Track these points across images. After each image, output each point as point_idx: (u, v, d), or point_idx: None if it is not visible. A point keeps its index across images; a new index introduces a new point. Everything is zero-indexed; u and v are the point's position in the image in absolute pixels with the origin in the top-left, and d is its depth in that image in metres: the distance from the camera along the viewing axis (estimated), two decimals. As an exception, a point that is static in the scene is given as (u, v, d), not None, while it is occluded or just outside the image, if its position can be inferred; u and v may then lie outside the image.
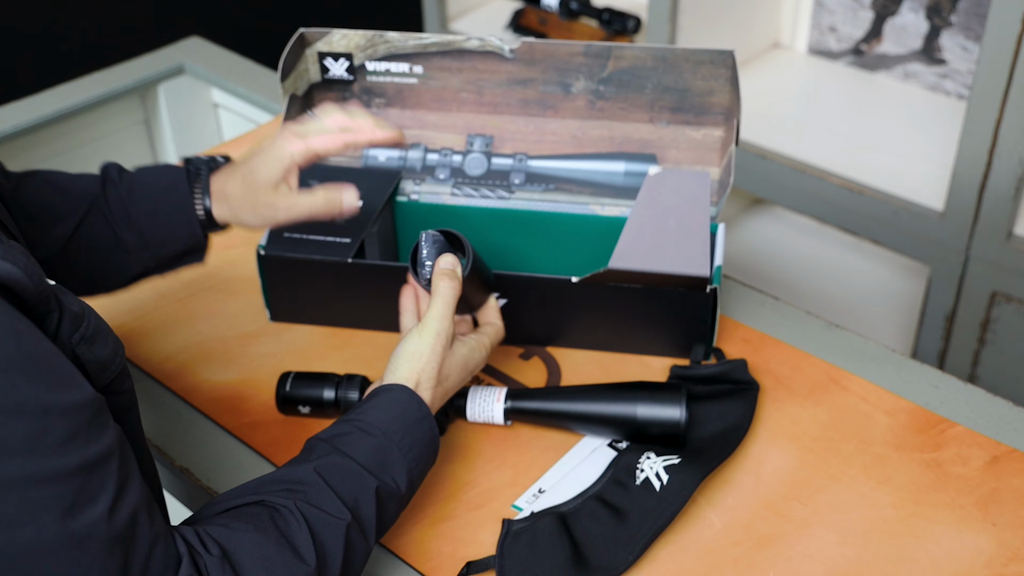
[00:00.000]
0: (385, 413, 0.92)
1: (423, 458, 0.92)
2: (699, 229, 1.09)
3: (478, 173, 1.26)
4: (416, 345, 0.97)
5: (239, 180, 1.06)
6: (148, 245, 1.08)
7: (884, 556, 0.95)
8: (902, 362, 1.16)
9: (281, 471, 0.87)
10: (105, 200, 1.08)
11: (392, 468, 0.89)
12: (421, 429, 0.93)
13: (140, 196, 1.08)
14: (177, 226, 1.07)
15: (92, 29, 2.40)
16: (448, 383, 0.99)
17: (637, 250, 1.08)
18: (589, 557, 0.94)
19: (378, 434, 0.90)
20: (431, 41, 1.23)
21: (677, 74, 1.21)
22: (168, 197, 1.07)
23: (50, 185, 1.09)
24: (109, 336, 0.78)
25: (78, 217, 1.07)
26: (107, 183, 1.09)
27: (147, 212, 1.07)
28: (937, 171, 1.79)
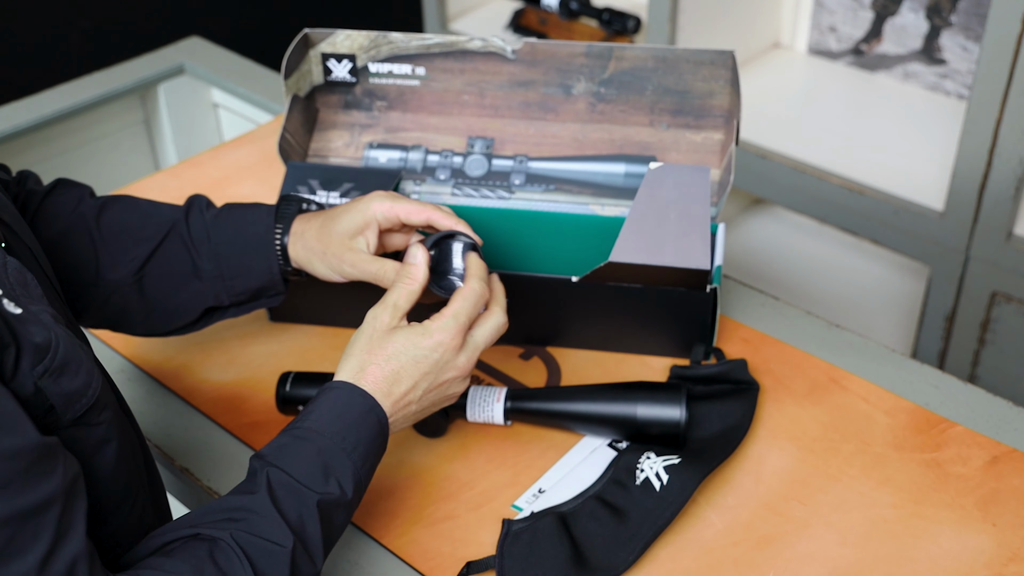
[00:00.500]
0: (326, 414, 0.87)
1: (371, 454, 0.88)
2: (699, 224, 1.09)
3: (479, 174, 1.27)
4: (356, 331, 0.93)
5: (318, 223, 1.03)
6: (224, 276, 1.05)
7: (884, 556, 0.95)
8: (902, 362, 1.16)
9: (222, 499, 0.83)
10: (187, 225, 1.05)
11: (335, 472, 0.85)
12: (367, 423, 0.88)
13: (224, 225, 1.05)
14: (255, 259, 1.04)
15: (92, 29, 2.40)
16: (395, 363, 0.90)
17: (637, 245, 1.08)
18: (589, 557, 0.94)
19: (316, 438, 0.85)
20: (434, 42, 1.23)
21: (677, 75, 1.21)
22: (251, 228, 1.04)
23: (133, 207, 1.07)
24: (83, 367, 0.75)
25: (158, 240, 1.05)
26: (191, 210, 1.07)
27: (228, 240, 1.04)
28: (937, 171, 1.79)
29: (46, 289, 0.83)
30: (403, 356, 0.91)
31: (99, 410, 0.77)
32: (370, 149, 1.29)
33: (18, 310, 0.72)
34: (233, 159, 1.56)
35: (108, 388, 0.81)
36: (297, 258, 1.04)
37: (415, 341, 0.91)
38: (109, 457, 0.80)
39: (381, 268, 0.99)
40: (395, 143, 1.29)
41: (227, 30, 2.55)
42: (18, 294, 0.74)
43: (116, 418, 0.81)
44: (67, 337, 0.74)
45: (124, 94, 1.83)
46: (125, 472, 0.82)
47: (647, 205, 1.10)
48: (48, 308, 0.75)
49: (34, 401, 0.71)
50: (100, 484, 0.79)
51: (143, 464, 0.89)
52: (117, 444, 0.80)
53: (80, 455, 0.75)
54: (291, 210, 1.05)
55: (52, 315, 0.75)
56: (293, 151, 1.26)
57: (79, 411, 0.75)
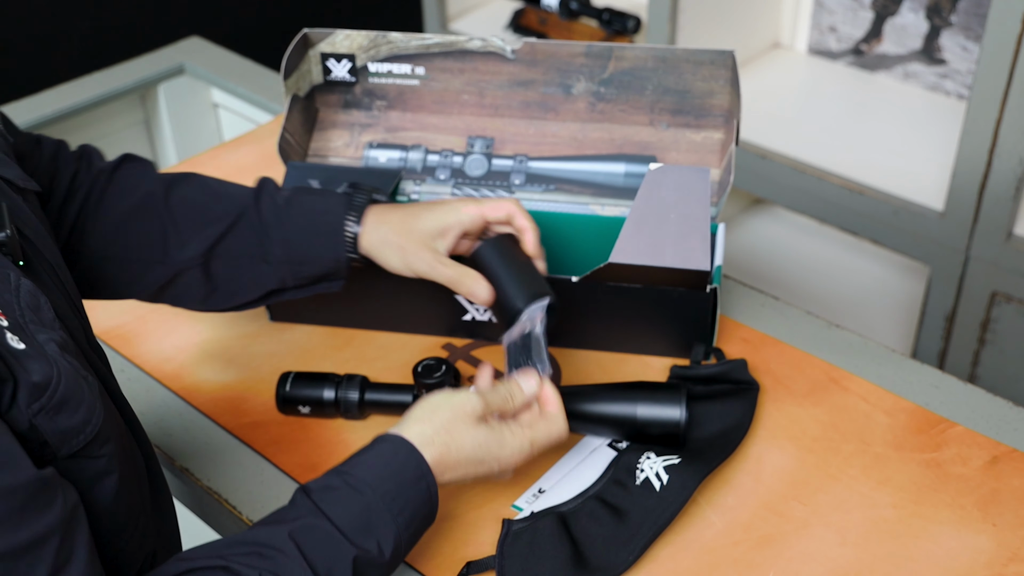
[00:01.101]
0: (379, 470, 0.85)
1: (415, 521, 0.86)
2: (699, 224, 1.09)
3: (478, 174, 1.27)
4: (440, 399, 0.91)
5: (400, 216, 1.04)
6: (292, 260, 1.05)
7: (884, 556, 0.95)
8: (902, 362, 1.16)
9: (255, 530, 0.82)
10: (257, 209, 1.05)
11: (377, 532, 0.83)
12: (417, 489, 0.86)
13: (295, 212, 1.05)
14: (325, 247, 1.04)
15: (92, 29, 2.40)
16: (459, 454, 0.89)
17: (637, 245, 1.08)
18: (589, 557, 0.94)
19: (367, 492, 0.84)
20: (434, 42, 1.23)
21: (677, 75, 1.21)
22: (323, 217, 1.05)
23: (203, 187, 1.07)
24: (83, 404, 0.74)
25: (228, 222, 1.05)
26: (262, 194, 1.07)
27: (299, 228, 1.05)
28: (937, 171, 1.79)
29: (62, 307, 0.83)
30: (469, 450, 0.90)
31: (100, 444, 0.76)
32: (370, 149, 1.29)
33: (21, 345, 0.71)
34: (233, 159, 1.56)
35: (112, 420, 0.79)
36: (369, 248, 1.05)
37: (489, 447, 0.91)
38: (108, 489, 0.78)
39: (457, 274, 1.02)
40: (395, 143, 1.29)
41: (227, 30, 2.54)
42: (27, 321, 0.73)
43: (120, 449, 0.79)
44: (70, 372, 0.73)
45: (124, 94, 1.83)
46: (125, 503, 0.81)
47: (647, 206, 1.10)
48: (57, 334, 0.75)
49: (28, 436, 0.71)
50: (97, 516, 0.78)
51: (148, 488, 0.88)
52: (118, 476, 0.79)
53: (78, 486, 0.74)
54: (362, 200, 1.06)
55: (60, 342, 0.74)
56: (293, 151, 1.26)
57: (75, 447, 0.74)
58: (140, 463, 0.87)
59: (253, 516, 1.02)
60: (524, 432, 0.93)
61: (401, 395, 1.08)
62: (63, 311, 0.82)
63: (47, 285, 0.83)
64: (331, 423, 1.11)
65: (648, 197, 1.11)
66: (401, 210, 1.06)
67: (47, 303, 0.76)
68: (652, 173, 1.12)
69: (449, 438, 0.89)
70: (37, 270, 0.82)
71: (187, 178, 1.08)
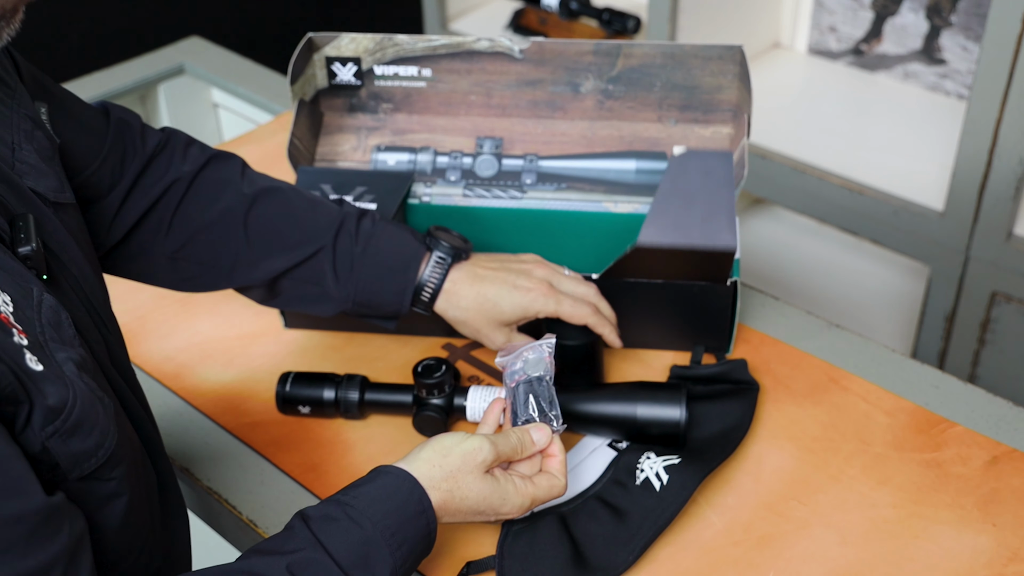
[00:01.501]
0: (381, 503, 0.84)
1: (413, 555, 0.85)
2: (725, 206, 1.08)
3: (489, 174, 1.26)
4: (452, 442, 0.89)
5: (479, 298, 1.06)
6: (354, 302, 1.06)
7: (884, 556, 0.95)
8: (902, 362, 1.16)
9: (251, 560, 0.80)
10: (334, 251, 1.05)
11: (374, 566, 0.82)
12: (417, 526, 0.85)
13: (372, 260, 1.05)
14: (391, 301, 1.06)
15: (92, 29, 2.40)
16: (462, 503, 0.88)
17: (664, 228, 1.07)
18: (589, 557, 0.94)
19: (367, 527, 0.82)
20: (440, 43, 1.23)
21: (686, 71, 1.21)
22: (397, 276, 1.05)
23: (288, 208, 1.07)
24: (96, 427, 0.73)
25: (302, 256, 1.05)
26: (341, 232, 1.06)
27: (370, 278, 1.05)
28: (937, 171, 1.79)
29: (85, 323, 0.82)
30: (472, 502, 0.89)
31: (111, 467, 0.76)
32: (378, 152, 1.29)
33: (39, 367, 0.70)
34: (233, 159, 1.56)
35: (125, 442, 0.78)
36: (444, 311, 1.07)
37: (491, 501, 0.89)
38: (118, 511, 0.78)
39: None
40: (403, 145, 1.29)
41: (227, 30, 2.55)
42: (47, 338, 0.72)
43: (131, 472, 0.79)
44: (86, 393, 0.72)
45: (124, 94, 1.83)
46: (133, 525, 0.80)
47: (672, 191, 1.10)
48: (76, 352, 0.74)
49: (40, 458, 0.70)
50: (107, 537, 0.77)
51: (158, 508, 0.87)
52: (128, 498, 0.78)
53: (86, 509, 0.74)
54: (447, 260, 1.06)
55: (78, 361, 0.73)
56: (301, 156, 1.26)
57: (86, 471, 0.73)
58: (152, 481, 0.86)
59: (253, 516, 1.02)
60: (527, 490, 0.91)
61: (401, 395, 1.08)
62: (85, 327, 0.81)
63: (70, 300, 0.82)
64: (331, 423, 1.11)
65: (673, 183, 1.10)
66: (480, 285, 1.06)
67: (68, 319, 0.76)
68: (675, 160, 1.11)
69: (455, 485, 0.87)
70: (61, 284, 0.82)
71: (272, 193, 1.07)
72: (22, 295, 0.73)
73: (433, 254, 1.06)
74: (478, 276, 1.06)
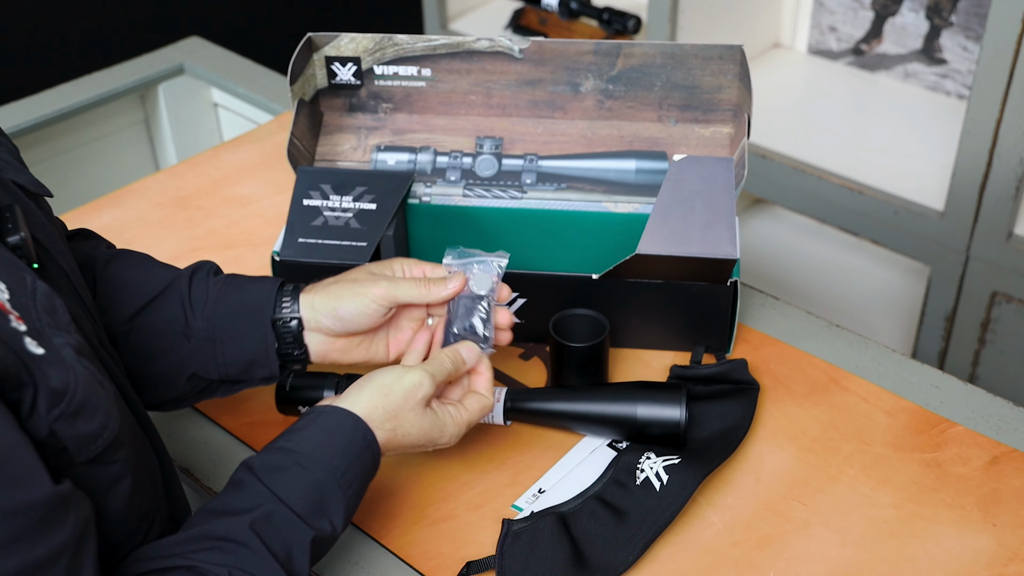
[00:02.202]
0: (327, 444, 0.85)
1: (363, 490, 0.87)
2: (725, 212, 1.08)
3: (489, 174, 1.26)
4: (391, 379, 0.91)
5: (338, 276, 1.01)
6: (215, 339, 0.98)
7: (884, 556, 0.95)
8: (902, 362, 1.16)
9: (210, 523, 0.80)
10: (188, 284, 1.00)
11: (330, 509, 0.84)
12: (363, 460, 0.86)
13: (226, 286, 1.00)
14: (250, 322, 0.98)
15: (92, 29, 2.40)
16: (404, 439, 0.90)
17: (664, 236, 1.08)
18: (589, 557, 0.94)
19: (317, 471, 0.83)
20: (440, 43, 1.23)
21: (686, 70, 1.21)
22: (252, 292, 1.00)
23: (141, 264, 1.04)
24: (99, 409, 0.73)
25: (155, 293, 1.00)
26: (197, 272, 1.02)
27: (225, 301, 0.99)
28: (937, 171, 1.79)
29: (76, 310, 0.82)
30: (414, 437, 0.91)
31: (115, 449, 0.76)
32: (378, 152, 1.29)
33: (40, 350, 0.70)
34: (233, 159, 1.56)
35: (126, 423, 0.79)
36: (317, 301, 0.98)
37: (431, 434, 0.92)
38: (123, 493, 0.78)
39: (422, 285, 0.98)
40: (403, 145, 1.29)
41: (227, 30, 2.55)
42: (44, 324, 0.73)
43: (133, 453, 0.79)
44: (86, 376, 0.72)
45: (124, 94, 1.83)
46: (138, 508, 0.81)
47: (671, 197, 1.10)
48: (73, 338, 0.74)
49: (47, 443, 0.70)
50: (111, 521, 0.78)
51: (163, 491, 0.87)
52: (131, 480, 0.79)
53: (92, 493, 0.74)
54: (297, 286, 1.01)
55: (76, 346, 0.74)
56: (301, 156, 1.26)
57: (93, 453, 0.74)
58: (155, 465, 0.86)
59: (253, 516, 1.02)
60: (462, 417, 0.94)
61: (401, 395, 1.08)
62: (77, 314, 0.82)
63: (61, 289, 0.82)
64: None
65: (672, 188, 1.10)
66: (328, 287, 1.00)
67: (62, 306, 0.76)
68: (675, 165, 1.12)
69: (398, 424, 0.90)
70: (51, 274, 0.82)
71: (131, 253, 1.05)
72: (16, 283, 0.74)
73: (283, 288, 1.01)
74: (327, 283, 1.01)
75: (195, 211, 1.44)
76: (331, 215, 1.18)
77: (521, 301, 1.14)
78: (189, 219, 1.43)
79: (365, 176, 1.22)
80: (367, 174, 1.23)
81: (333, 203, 1.19)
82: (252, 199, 1.47)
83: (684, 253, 1.06)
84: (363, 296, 0.97)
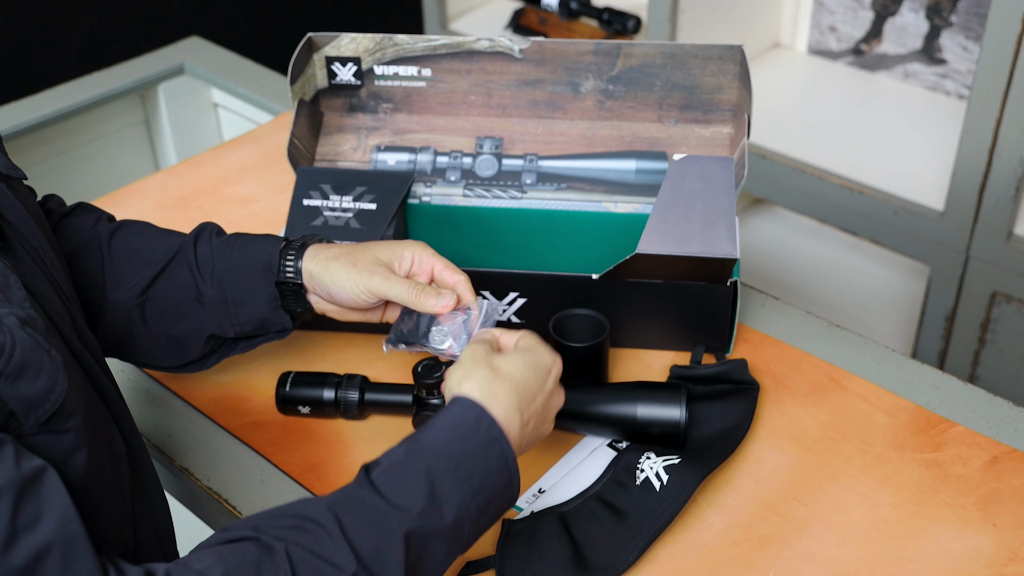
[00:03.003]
0: (445, 432, 0.81)
1: (485, 491, 0.81)
2: (725, 213, 1.08)
3: (489, 174, 1.26)
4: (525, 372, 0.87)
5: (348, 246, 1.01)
6: (227, 302, 1.02)
7: (884, 556, 0.95)
8: (902, 362, 1.16)
9: (303, 502, 0.79)
10: (194, 250, 1.03)
11: (440, 500, 0.79)
12: (488, 456, 0.81)
13: (230, 250, 1.03)
14: (259, 284, 1.01)
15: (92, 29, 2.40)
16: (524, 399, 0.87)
17: (664, 236, 1.08)
18: (589, 557, 0.94)
19: (428, 456, 0.79)
20: (440, 43, 1.23)
21: (686, 71, 1.21)
22: (258, 254, 1.01)
23: (145, 232, 1.06)
24: (43, 371, 0.73)
25: (163, 263, 1.03)
26: (201, 236, 1.04)
27: (232, 266, 1.01)
28: (937, 171, 1.79)
29: (44, 291, 0.82)
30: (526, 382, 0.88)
31: (65, 417, 0.75)
32: (378, 152, 1.29)
33: None
34: (233, 159, 1.56)
35: (80, 394, 0.78)
36: (314, 271, 1.00)
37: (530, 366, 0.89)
38: (79, 466, 0.77)
39: (415, 288, 0.97)
40: (403, 145, 1.29)
41: (227, 30, 2.55)
42: None
43: (88, 425, 0.78)
44: (27, 341, 0.72)
45: (124, 94, 1.83)
46: (99, 482, 0.79)
47: (671, 197, 1.10)
48: (22, 311, 0.74)
49: None
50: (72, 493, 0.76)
51: (128, 475, 0.87)
52: (88, 452, 0.77)
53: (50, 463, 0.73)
54: (305, 239, 1.03)
55: (24, 318, 0.74)
56: (301, 156, 1.26)
57: (42, 417, 0.73)
58: (119, 450, 0.86)
59: (253, 516, 1.02)
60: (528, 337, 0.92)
61: (401, 395, 1.08)
62: (47, 298, 0.82)
63: (29, 269, 0.83)
64: (331, 423, 1.11)
65: (672, 188, 1.10)
66: (350, 244, 1.02)
67: (18, 283, 0.76)
68: (675, 164, 1.12)
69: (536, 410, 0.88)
70: (18, 253, 0.82)
71: (132, 223, 1.07)
72: None
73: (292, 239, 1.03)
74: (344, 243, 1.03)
75: (195, 211, 1.44)
76: (331, 215, 1.18)
77: (521, 301, 1.14)
78: (189, 219, 1.43)
79: (365, 176, 1.22)
80: (367, 174, 1.23)
81: (333, 203, 1.19)
82: (252, 199, 1.47)
83: (684, 253, 1.06)
84: (356, 284, 0.99)
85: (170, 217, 1.43)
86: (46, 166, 1.78)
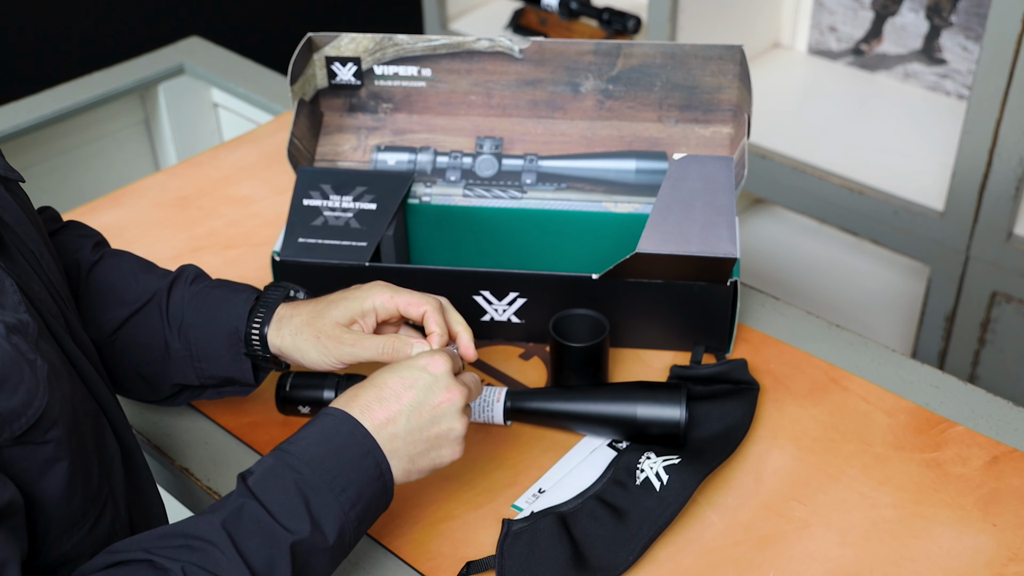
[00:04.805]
0: (319, 446, 0.82)
1: (362, 501, 0.83)
2: (725, 212, 1.08)
3: (489, 174, 1.26)
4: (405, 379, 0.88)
5: (309, 310, 0.98)
6: (192, 356, 1.01)
7: (884, 556, 0.95)
8: (902, 362, 1.16)
9: (190, 521, 0.79)
10: (167, 297, 1.02)
11: (317, 513, 0.80)
12: (363, 467, 0.83)
13: (200, 306, 1.01)
14: (224, 347, 1.00)
15: (92, 29, 2.40)
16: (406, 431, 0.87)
17: (664, 236, 1.08)
18: (589, 557, 0.94)
19: (304, 471, 0.81)
20: (440, 43, 1.23)
21: (686, 71, 1.21)
22: (225, 316, 0.99)
23: (125, 268, 1.04)
24: (21, 385, 0.71)
25: (136, 306, 1.01)
26: (177, 281, 1.03)
27: (200, 323, 1.00)
28: (937, 171, 1.79)
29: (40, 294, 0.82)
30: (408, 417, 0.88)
31: (44, 429, 0.74)
32: (378, 152, 1.29)
33: None
34: (233, 159, 1.56)
35: (64, 405, 0.77)
36: (282, 346, 0.98)
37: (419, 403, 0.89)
38: (59, 477, 0.76)
39: (379, 347, 0.95)
40: (403, 145, 1.29)
41: (227, 30, 2.55)
42: None
43: (72, 436, 0.77)
44: (9, 353, 0.71)
45: (124, 94, 1.83)
46: (82, 490, 0.79)
47: (671, 197, 1.10)
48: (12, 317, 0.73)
49: None
50: (50, 506, 0.76)
51: (121, 477, 0.86)
52: (69, 463, 0.77)
53: (25, 475, 0.73)
54: (275, 297, 1.00)
55: (12, 324, 0.73)
56: (301, 156, 1.26)
57: (17, 431, 0.72)
58: (112, 452, 0.85)
59: (253, 516, 1.02)
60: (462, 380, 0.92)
61: (401, 395, 1.08)
62: (41, 300, 0.82)
63: (25, 271, 0.82)
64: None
65: (672, 188, 1.10)
66: (312, 303, 0.99)
67: (12, 285, 0.76)
68: (675, 164, 1.12)
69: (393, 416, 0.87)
70: (14, 255, 0.82)
71: (114, 256, 1.05)
72: None
73: (266, 296, 1.01)
74: (309, 300, 1.01)
75: (195, 211, 1.44)
76: (331, 215, 1.18)
77: (521, 301, 1.14)
78: (189, 219, 1.43)
79: (365, 176, 1.22)
80: (367, 174, 1.22)
81: (333, 203, 1.19)
82: (252, 199, 1.47)
83: (684, 252, 1.06)
84: (326, 357, 0.97)
85: (170, 217, 1.43)
86: (46, 166, 1.78)
